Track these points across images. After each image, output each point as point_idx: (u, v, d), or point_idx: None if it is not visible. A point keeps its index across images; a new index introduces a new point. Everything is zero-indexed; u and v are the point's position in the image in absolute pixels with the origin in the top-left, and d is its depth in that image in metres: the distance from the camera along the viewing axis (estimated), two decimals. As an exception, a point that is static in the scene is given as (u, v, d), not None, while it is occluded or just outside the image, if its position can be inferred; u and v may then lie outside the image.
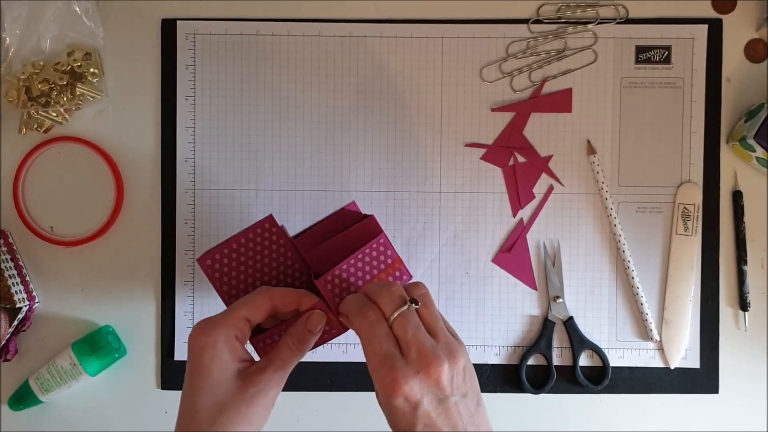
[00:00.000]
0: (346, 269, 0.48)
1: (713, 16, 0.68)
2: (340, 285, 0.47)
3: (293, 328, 0.47)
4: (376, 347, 0.41)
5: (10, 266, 0.66)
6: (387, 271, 0.49)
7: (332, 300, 0.48)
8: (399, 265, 0.50)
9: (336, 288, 0.47)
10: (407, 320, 0.42)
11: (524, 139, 0.68)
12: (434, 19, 0.68)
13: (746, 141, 0.64)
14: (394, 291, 0.43)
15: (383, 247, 0.50)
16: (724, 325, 0.68)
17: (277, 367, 0.45)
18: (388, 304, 0.43)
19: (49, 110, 0.67)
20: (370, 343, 0.42)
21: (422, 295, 0.44)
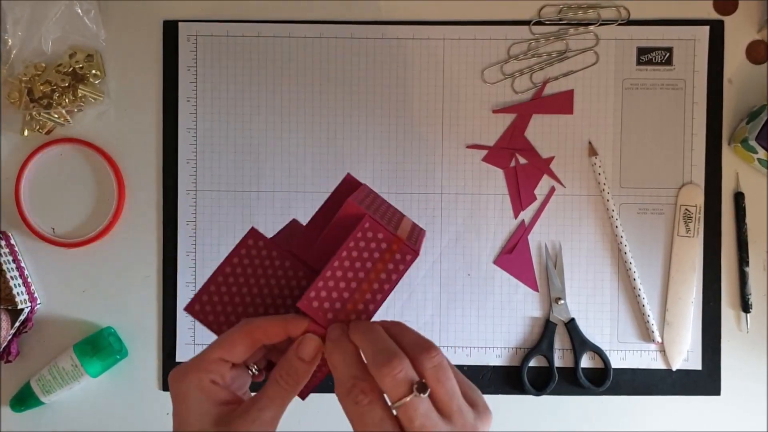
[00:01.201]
0: (332, 276, 0.39)
1: (715, 18, 0.68)
2: (330, 298, 0.39)
3: (282, 359, 0.39)
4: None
5: (11, 267, 0.66)
6: (384, 258, 0.40)
7: (324, 319, 0.39)
8: (397, 247, 0.40)
9: (326, 302, 0.39)
10: (414, 409, 0.34)
11: (526, 140, 0.68)
12: (436, 20, 0.68)
13: (748, 142, 0.64)
14: (399, 374, 0.35)
15: (371, 232, 0.40)
16: (725, 326, 0.68)
17: (263, 407, 0.38)
18: (392, 390, 0.35)
19: (51, 112, 0.67)
20: (363, 428, 0.35)
21: (435, 368, 0.36)
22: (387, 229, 0.40)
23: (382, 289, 0.39)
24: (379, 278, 0.39)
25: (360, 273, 0.40)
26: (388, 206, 0.45)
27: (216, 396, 0.39)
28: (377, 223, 0.40)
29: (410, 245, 0.40)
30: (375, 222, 0.40)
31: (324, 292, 0.39)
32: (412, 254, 0.40)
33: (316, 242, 0.43)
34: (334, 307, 0.39)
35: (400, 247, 0.40)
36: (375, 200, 0.44)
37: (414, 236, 0.42)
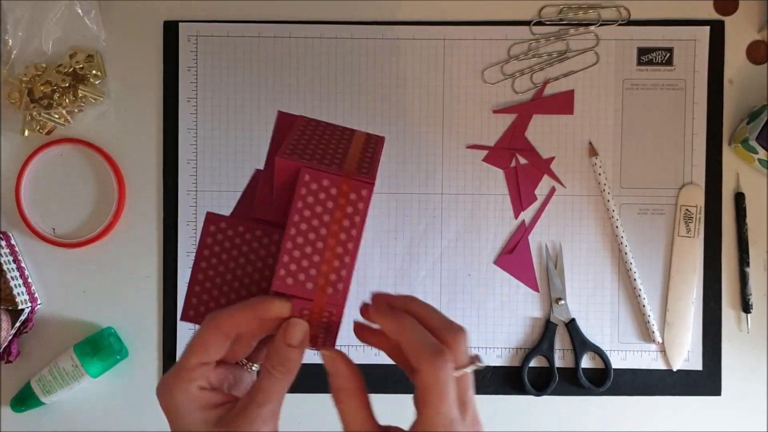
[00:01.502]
0: (294, 246, 0.35)
1: (715, 18, 0.68)
2: (302, 267, 0.36)
3: (271, 349, 0.37)
4: (447, 409, 0.34)
5: (12, 268, 0.66)
6: (339, 204, 0.35)
7: (305, 290, 0.36)
8: (347, 186, 0.36)
9: (299, 274, 0.35)
10: (470, 379, 0.36)
11: (526, 140, 0.68)
12: (436, 21, 0.68)
13: (748, 143, 0.64)
14: (465, 342, 0.36)
15: (315, 183, 0.35)
16: (726, 327, 0.68)
17: (261, 402, 0.36)
18: (462, 355, 0.36)
19: (52, 112, 0.67)
20: (442, 401, 0.34)
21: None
22: (329, 173, 0.36)
23: (351, 237, 0.36)
24: (343, 226, 0.35)
25: (321, 230, 0.36)
26: (332, 132, 0.40)
27: (207, 401, 0.38)
28: (317, 171, 0.35)
29: (361, 179, 0.36)
30: (314, 170, 0.35)
31: (293, 264, 0.36)
32: (366, 187, 0.35)
33: (273, 200, 0.39)
34: (309, 275, 0.36)
35: (350, 185, 0.35)
36: (314, 134, 0.39)
37: (366, 161, 0.37)
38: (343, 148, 0.38)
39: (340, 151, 0.38)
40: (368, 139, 0.40)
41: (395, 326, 0.36)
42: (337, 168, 0.36)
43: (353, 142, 0.39)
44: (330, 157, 0.37)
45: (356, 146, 0.39)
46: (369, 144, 0.39)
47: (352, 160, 0.37)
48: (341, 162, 0.37)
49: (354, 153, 0.38)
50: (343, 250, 0.36)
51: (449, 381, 0.34)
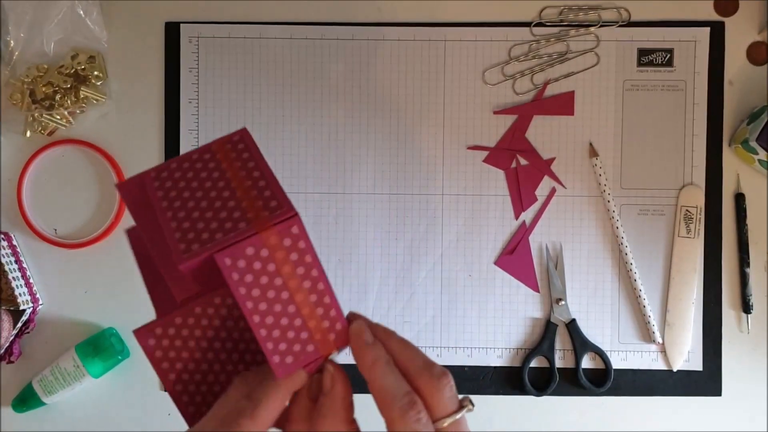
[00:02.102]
0: (265, 326, 0.31)
1: (715, 19, 0.68)
2: (288, 339, 0.32)
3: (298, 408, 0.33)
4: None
5: (14, 268, 0.66)
6: (284, 262, 0.31)
7: (306, 358, 0.33)
8: (276, 239, 0.30)
9: (294, 345, 0.32)
10: (464, 425, 0.33)
11: (526, 141, 0.68)
12: (437, 22, 0.68)
13: (748, 143, 0.64)
14: (449, 388, 0.33)
15: (242, 261, 0.30)
16: (726, 327, 0.68)
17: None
18: (446, 404, 0.32)
19: (53, 113, 0.67)
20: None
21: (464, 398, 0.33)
22: (244, 237, 0.29)
23: (314, 276, 0.31)
24: (299, 275, 0.31)
25: (282, 295, 0.30)
26: (192, 168, 0.32)
27: None
28: (232, 246, 0.29)
29: (279, 217, 0.30)
30: (229, 248, 0.29)
31: (281, 345, 0.31)
32: (293, 223, 0.30)
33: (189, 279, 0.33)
34: (303, 340, 0.32)
35: (276, 233, 0.30)
36: (178, 187, 0.32)
37: (259, 183, 0.31)
38: (222, 182, 0.31)
39: (223, 189, 0.31)
40: (232, 147, 0.33)
41: (368, 362, 0.32)
42: (243, 219, 0.30)
43: (224, 164, 0.32)
44: (222, 209, 0.30)
45: (230, 166, 0.32)
46: (240, 153, 0.32)
47: (247, 193, 0.31)
48: (237, 205, 0.30)
49: (237, 179, 0.31)
50: (317, 295, 0.31)
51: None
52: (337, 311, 0.32)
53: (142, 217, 0.33)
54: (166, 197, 0.31)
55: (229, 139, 0.33)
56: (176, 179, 0.32)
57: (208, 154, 0.33)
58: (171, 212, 0.31)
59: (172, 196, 0.31)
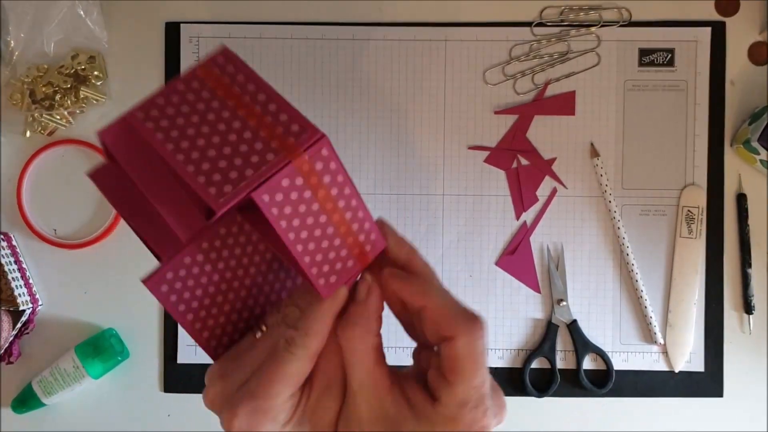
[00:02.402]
0: (311, 262, 0.30)
1: (716, 19, 0.68)
2: (333, 265, 0.31)
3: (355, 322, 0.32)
4: (481, 382, 0.31)
5: (13, 269, 0.66)
6: (319, 186, 0.29)
7: (350, 272, 0.32)
8: (308, 165, 0.28)
9: (336, 266, 0.31)
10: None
11: (527, 141, 0.68)
12: (437, 22, 0.68)
13: (750, 144, 0.64)
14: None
15: (280, 194, 0.28)
16: (728, 328, 0.68)
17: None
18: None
19: (53, 113, 0.67)
20: (477, 373, 0.31)
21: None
22: (277, 169, 0.27)
23: (347, 194, 0.30)
24: (333, 196, 0.29)
25: (320, 219, 0.29)
26: (185, 101, 0.28)
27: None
28: (267, 182, 0.27)
29: (306, 141, 0.28)
30: (266, 185, 0.27)
31: (325, 266, 0.30)
32: (322, 145, 0.28)
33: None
34: (344, 258, 0.31)
35: (308, 159, 0.28)
36: (184, 125, 0.28)
37: (271, 106, 0.28)
38: (227, 112, 0.28)
39: (231, 120, 0.28)
40: (222, 72, 0.29)
41: (419, 291, 0.31)
42: (269, 149, 0.27)
43: (219, 91, 0.29)
44: (239, 142, 0.28)
45: (229, 94, 0.29)
46: (233, 77, 0.29)
47: (260, 121, 0.28)
48: (255, 135, 0.28)
49: (243, 106, 0.29)
50: (351, 211, 0.30)
51: (485, 353, 0.31)
52: (370, 223, 0.31)
53: (136, 167, 0.29)
54: (168, 139, 0.27)
55: (213, 61, 0.29)
56: (171, 116, 0.28)
57: (196, 82, 0.29)
58: (182, 155, 0.27)
59: (174, 137, 0.27)
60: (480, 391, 0.31)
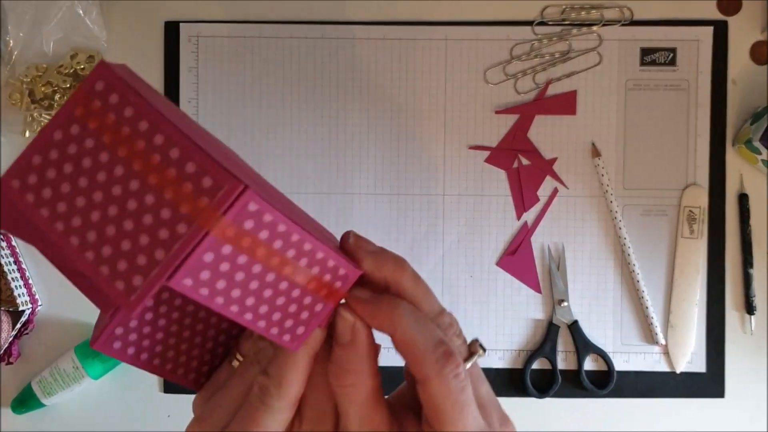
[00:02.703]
0: (267, 326, 0.26)
1: (718, 18, 0.68)
2: (298, 319, 0.27)
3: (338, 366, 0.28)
4: (471, 422, 0.27)
5: (13, 269, 0.66)
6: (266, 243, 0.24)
7: (321, 316, 0.28)
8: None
9: (299, 318, 0.27)
10: (478, 372, 0.29)
11: (528, 141, 0.68)
12: (438, 21, 0.68)
13: (752, 143, 0.64)
14: (459, 335, 0.30)
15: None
16: (730, 328, 0.67)
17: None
18: (461, 348, 0.29)
19: (53, 113, 0.67)
20: (463, 416, 0.26)
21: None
22: (193, 250, 0.21)
23: (299, 243, 0.25)
24: (277, 249, 0.24)
25: (267, 277, 0.24)
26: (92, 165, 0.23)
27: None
28: (178, 270, 0.21)
29: (223, 200, 0.21)
30: (177, 276, 0.22)
31: (286, 321, 0.26)
32: (242, 196, 0.21)
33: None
34: (307, 306, 0.27)
35: (232, 219, 0.22)
36: (74, 205, 0.23)
37: (190, 164, 0.22)
38: (120, 167, 0.22)
39: (126, 180, 0.22)
40: (104, 105, 0.22)
41: (385, 319, 0.27)
42: (179, 218, 0.22)
43: (105, 136, 0.22)
44: (141, 212, 0.22)
45: (116, 138, 0.22)
46: (120, 112, 0.22)
47: (162, 176, 0.22)
48: (159, 199, 0.22)
49: (137, 156, 0.22)
50: (307, 258, 0.25)
51: (466, 389, 0.27)
52: (335, 259, 0.26)
53: (37, 240, 0.24)
54: (55, 215, 0.22)
55: (90, 90, 0.23)
56: (53, 181, 0.22)
57: (76, 125, 0.23)
58: (76, 237, 0.22)
59: (62, 212, 0.22)
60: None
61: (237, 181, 0.21)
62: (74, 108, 0.23)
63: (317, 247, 0.25)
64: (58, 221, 0.22)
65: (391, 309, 0.27)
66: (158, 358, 0.29)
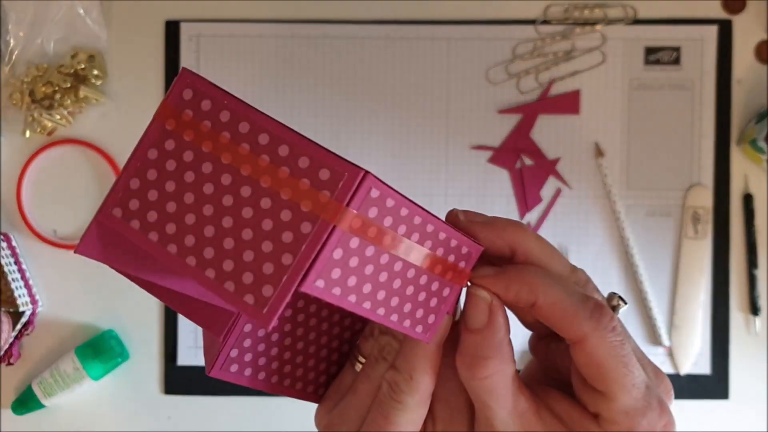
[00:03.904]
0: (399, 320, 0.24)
1: (723, 17, 0.67)
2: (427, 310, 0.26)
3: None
4: (637, 379, 0.25)
5: (13, 270, 0.66)
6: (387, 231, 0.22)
7: (453, 300, 0.26)
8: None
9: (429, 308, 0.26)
10: (624, 326, 0.26)
11: (531, 141, 0.67)
12: (440, 20, 0.67)
13: (756, 143, 0.63)
14: (592, 283, 0.28)
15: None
16: (734, 329, 0.67)
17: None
18: (604, 303, 0.26)
19: (53, 113, 0.67)
20: (628, 371, 0.24)
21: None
22: (322, 249, 0.20)
23: (421, 226, 0.24)
24: (402, 235, 0.23)
25: (395, 266, 0.23)
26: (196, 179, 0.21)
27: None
28: (309, 273, 0.20)
29: (345, 190, 0.20)
30: (308, 279, 0.20)
31: (417, 311, 0.25)
32: (363, 182, 0.21)
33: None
34: (434, 292, 0.25)
35: (355, 210, 0.21)
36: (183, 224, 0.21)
37: (303, 158, 0.21)
38: (226, 175, 0.21)
39: (235, 187, 0.21)
40: (197, 114, 0.22)
41: (523, 289, 0.25)
42: (301, 218, 0.20)
43: (204, 146, 0.21)
44: (258, 217, 0.21)
45: (218, 146, 0.21)
46: (215, 118, 0.21)
47: (274, 176, 0.21)
48: (275, 200, 0.21)
49: (243, 160, 0.21)
50: (431, 240, 0.24)
51: (626, 342, 0.25)
52: (457, 238, 0.25)
53: (138, 271, 0.23)
54: (165, 238, 0.21)
55: (179, 100, 0.22)
56: (157, 203, 0.21)
57: (170, 140, 0.22)
58: (193, 257, 0.21)
59: (172, 233, 0.21)
60: (642, 389, 0.25)
61: (356, 168, 0.20)
62: (165, 122, 0.22)
63: (439, 227, 0.24)
64: (171, 243, 0.21)
65: (527, 275, 0.25)
66: (276, 375, 0.28)
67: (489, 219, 0.27)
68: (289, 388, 0.29)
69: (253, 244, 0.20)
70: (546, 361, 0.29)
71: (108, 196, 0.22)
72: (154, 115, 0.22)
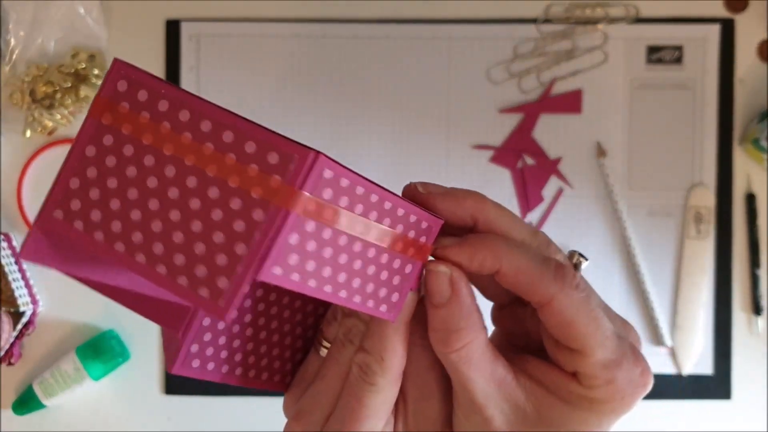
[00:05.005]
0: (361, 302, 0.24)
1: (725, 16, 0.67)
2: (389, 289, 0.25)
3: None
4: (607, 331, 0.25)
5: (13, 269, 0.65)
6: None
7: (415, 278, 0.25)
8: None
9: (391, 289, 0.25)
10: (588, 282, 0.26)
11: (533, 141, 0.67)
12: (441, 19, 0.67)
13: (759, 143, 0.63)
14: (556, 248, 0.27)
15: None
16: (737, 329, 0.67)
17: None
18: (566, 262, 0.26)
19: (53, 112, 0.67)
20: (598, 325, 0.24)
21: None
22: (276, 235, 0.19)
23: (378, 203, 0.23)
24: (360, 214, 0.23)
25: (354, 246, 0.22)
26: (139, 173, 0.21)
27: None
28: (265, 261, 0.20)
29: (297, 172, 0.20)
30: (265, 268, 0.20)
31: (380, 290, 0.24)
32: (315, 164, 0.20)
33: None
34: (396, 269, 0.25)
35: (309, 192, 0.20)
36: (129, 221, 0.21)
37: (250, 143, 0.20)
38: (170, 167, 0.20)
39: (181, 177, 0.20)
40: (133, 105, 0.21)
41: (489, 254, 0.25)
42: (252, 204, 0.20)
43: (144, 138, 0.20)
44: (208, 207, 0.20)
45: (158, 136, 0.20)
46: (153, 107, 0.21)
47: (220, 163, 0.20)
48: (223, 188, 0.20)
49: (186, 149, 0.20)
50: (389, 218, 0.24)
51: (591, 297, 0.25)
52: (416, 212, 0.25)
53: (87, 272, 0.23)
54: (111, 236, 0.20)
55: (114, 93, 0.21)
56: (100, 201, 0.21)
57: (108, 135, 0.21)
58: (142, 254, 0.20)
59: (118, 231, 0.20)
60: (614, 340, 0.25)
61: (306, 150, 0.20)
62: (100, 116, 0.21)
63: (397, 203, 0.24)
64: (117, 241, 0.20)
65: (489, 242, 0.25)
66: (240, 367, 0.28)
67: (448, 190, 0.26)
68: (255, 380, 0.29)
69: (203, 236, 0.20)
70: (511, 330, 0.28)
71: (47, 198, 0.21)
72: (89, 111, 0.21)
